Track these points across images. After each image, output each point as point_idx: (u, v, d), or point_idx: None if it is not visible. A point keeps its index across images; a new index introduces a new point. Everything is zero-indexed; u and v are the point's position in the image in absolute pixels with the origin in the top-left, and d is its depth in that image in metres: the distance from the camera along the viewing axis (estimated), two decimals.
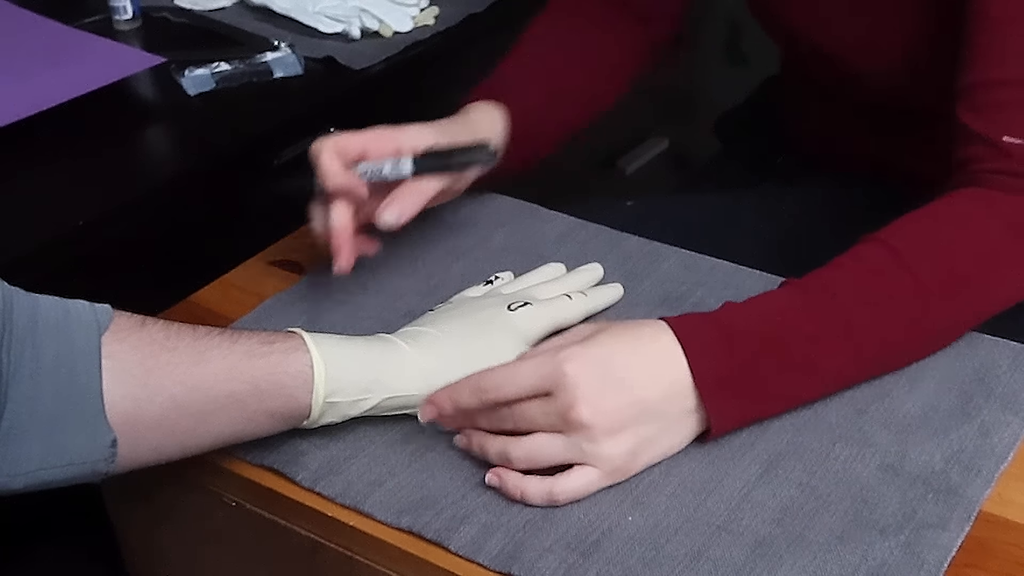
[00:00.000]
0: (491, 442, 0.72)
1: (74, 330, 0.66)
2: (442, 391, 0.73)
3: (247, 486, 0.76)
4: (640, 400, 0.71)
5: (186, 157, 1.15)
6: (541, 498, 0.70)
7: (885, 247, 0.77)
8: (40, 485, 0.66)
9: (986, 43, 0.81)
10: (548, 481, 0.70)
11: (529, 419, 0.71)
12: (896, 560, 0.66)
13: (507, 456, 0.71)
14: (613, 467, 0.71)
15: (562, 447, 0.70)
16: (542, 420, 0.70)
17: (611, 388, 0.70)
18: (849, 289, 0.76)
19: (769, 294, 0.77)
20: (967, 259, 0.78)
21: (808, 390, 0.76)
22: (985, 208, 0.79)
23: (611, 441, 0.70)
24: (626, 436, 0.71)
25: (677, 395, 0.72)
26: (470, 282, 0.89)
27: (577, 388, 0.69)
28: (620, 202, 1.09)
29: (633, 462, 0.72)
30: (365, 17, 1.32)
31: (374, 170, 0.84)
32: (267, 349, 0.71)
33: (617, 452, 0.70)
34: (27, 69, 1.16)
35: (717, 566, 0.67)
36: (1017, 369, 0.80)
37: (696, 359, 0.71)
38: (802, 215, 1.08)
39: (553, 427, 0.70)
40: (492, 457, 0.72)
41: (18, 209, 1.02)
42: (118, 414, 0.66)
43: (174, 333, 0.69)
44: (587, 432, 0.69)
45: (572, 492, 0.70)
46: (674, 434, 0.73)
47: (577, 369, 0.70)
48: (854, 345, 0.76)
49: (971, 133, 0.80)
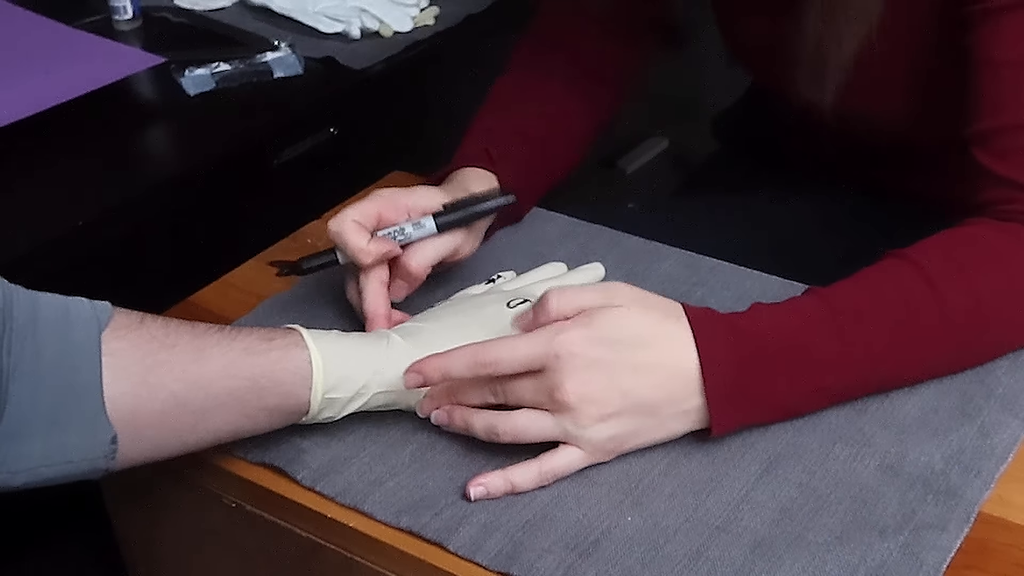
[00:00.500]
0: (477, 417, 0.72)
1: (74, 327, 0.66)
2: (431, 358, 0.72)
3: (247, 487, 0.76)
4: (630, 395, 0.71)
5: (186, 157, 1.15)
6: (531, 479, 0.71)
7: (917, 271, 0.76)
8: (41, 482, 0.66)
9: (995, 89, 0.81)
10: (535, 462, 0.71)
11: (519, 395, 0.71)
12: (895, 561, 0.66)
13: (495, 430, 0.71)
14: (596, 449, 0.72)
15: (549, 425, 0.71)
16: (531, 397, 0.71)
17: (603, 375, 0.70)
18: (875, 313, 0.75)
19: (793, 305, 0.76)
20: (998, 296, 0.77)
21: (817, 405, 0.76)
22: (1017, 244, 0.79)
23: (597, 426, 0.70)
24: (613, 423, 0.71)
25: (675, 397, 0.72)
26: (470, 281, 0.89)
27: (568, 370, 0.70)
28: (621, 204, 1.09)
29: (618, 447, 0.72)
30: (365, 17, 1.32)
31: (396, 232, 0.83)
32: (266, 346, 0.71)
33: (601, 437, 0.71)
34: (27, 69, 1.16)
35: (716, 566, 0.66)
36: (1017, 370, 0.80)
37: (709, 367, 0.71)
38: (802, 215, 1.08)
39: (541, 405, 0.71)
40: (478, 431, 0.72)
41: (18, 209, 1.02)
42: (118, 411, 0.66)
43: (173, 330, 0.69)
44: (572, 414, 0.70)
45: (556, 472, 0.71)
46: (664, 430, 0.73)
47: (572, 351, 0.70)
48: (872, 369, 0.75)
49: (996, 177, 0.81)
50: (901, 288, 0.76)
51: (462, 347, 0.72)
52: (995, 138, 0.81)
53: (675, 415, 0.72)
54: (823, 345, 0.74)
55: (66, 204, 1.02)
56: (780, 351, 0.73)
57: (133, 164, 1.11)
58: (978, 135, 0.82)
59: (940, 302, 0.75)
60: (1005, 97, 0.81)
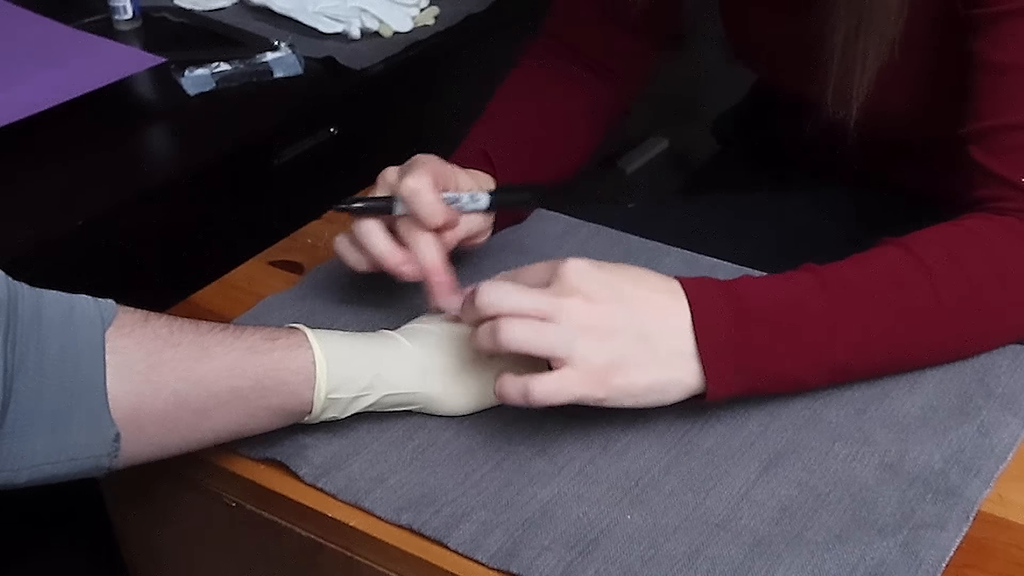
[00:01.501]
0: (483, 324, 0.71)
1: (78, 325, 0.66)
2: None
3: (247, 486, 0.76)
4: (633, 316, 0.71)
5: (186, 157, 1.15)
6: (517, 393, 0.70)
7: (912, 256, 0.77)
8: (43, 479, 0.66)
9: (996, 90, 0.82)
10: (524, 377, 0.70)
11: (524, 297, 0.71)
12: (894, 560, 0.66)
13: (495, 334, 0.70)
14: (590, 371, 0.70)
15: (549, 333, 0.70)
16: (536, 302, 0.70)
17: (608, 293, 0.71)
18: (868, 291, 0.76)
19: (787, 276, 0.76)
20: (993, 285, 0.78)
21: (810, 376, 0.76)
22: (1013, 236, 0.80)
23: (596, 343, 0.70)
24: (611, 344, 0.70)
25: (672, 333, 0.72)
26: (471, 281, 0.89)
27: (576, 282, 0.71)
28: (621, 204, 1.09)
29: (612, 375, 0.71)
30: (365, 17, 1.32)
31: (452, 199, 0.83)
32: (270, 345, 0.71)
33: (597, 355, 0.70)
34: (27, 69, 1.16)
35: (715, 565, 0.67)
36: (1017, 369, 0.80)
37: (702, 321, 0.72)
38: (802, 215, 1.08)
39: (546, 312, 0.70)
40: (481, 337, 0.71)
41: (19, 208, 1.02)
42: (121, 409, 0.67)
43: (177, 329, 0.70)
44: (576, 323, 0.70)
45: (548, 391, 0.70)
46: (660, 367, 0.72)
47: (583, 267, 0.71)
48: (864, 344, 0.76)
49: (991, 175, 0.82)
50: (895, 273, 0.77)
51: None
52: (992, 137, 0.82)
53: (672, 353, 0.72)
54: (816, 312, 0.74)
55: (66, 204, 1.02)
56: (773, 311, 0.73)
57: (133, 164, 1.11)
58: (975, 133, 0.83)
59: (932, 282, 0.76)
60: (1004, 99, 0.82)
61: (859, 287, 0.76)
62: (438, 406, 0.77)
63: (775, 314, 0.73)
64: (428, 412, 0.78)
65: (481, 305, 0.71)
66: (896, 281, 0.77)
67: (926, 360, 0.79)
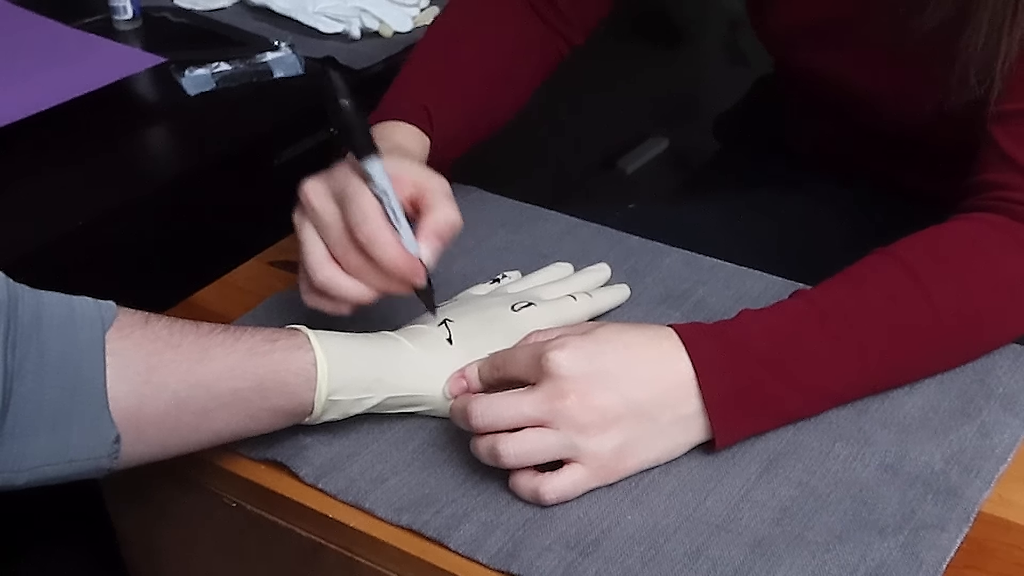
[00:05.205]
0: (481, 440, 0.71)
1: (78, 326, 0.66)
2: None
3: (247, 486, 0.76)
4: (629, 399, 0.70)
5: (186, 157, 1.15)
6: (529, 494, 0.70)
7: (903, 268, 0.77)
8: (43, 481, 0.66)
9: None
10: (537, 478, 0.70)
11: (518, 410, 0.70)
12: (895, 560, 0.66)
13: (496, 452, 0.70)
14: (600, 464, 0.70)
15: (552, 441, 0.69)
16: (531, 411, 0.70)
17: (600, 383, 0.70)
18: (864, 313, 0.75)
19: (779, 310, 0.76)
20: (986, 291, 0.78)
21: (815, 408, 0.76)
22: (1008, 238, 0.79)
23: (599, 437, 0.70)
24: (613, 433, 0.70)
25: (671, 401, 0.71)
26: (471, 281, 0.89)
27: (566, 379, 0.69)
28: (621, 204, 1.09)
29: (621, 462, 0.71)
30: (365, 17, 1.32)
31: None
32: (270, 347, 0.71)
33: (604, 449, 0.70)
34: (27, 69, 1.16)
35: (716, 565, 0.67)
36: (1017, 370, 0.80)
37: (705, 377, 0.71)
38: (802, 215, 1.08)
39: (542, 420, 0.69)
40: (482, 454, 0.71)
41: (18, 209, 1.02)
42: (122, 411, 0.66)
43: (178, 330, 0.69)
44: (575, 424, 0.69)
45: (560, 491, 0.70)
46: (666, 439, 0.72)
47: (568, 360, 0.69)
48: (865, 369, 0.75)
49: (1004, 157, 0.81)
50: (889, 288, 0.76)
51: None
52: (1018, 120, 0.81)
53: (675, 420, 0.72)
54: (814, 346, 0.74)
55: (66, 204, 1.02)
56: (772, 354, 0.73)
57: (133, 164, 1.11)
58: (1002, 114, 0.82)
59: (930, 302, 0.75)
60: None
61: (855, 311, 0.75)
62: (440, 408, 0.77)
63: (775, 354, 0.73)
64: (429, 414, 0.78)
65: (476, 425, 0.70)
66: (891, 299, 0.76)
67: (928, 372, 0.79)
